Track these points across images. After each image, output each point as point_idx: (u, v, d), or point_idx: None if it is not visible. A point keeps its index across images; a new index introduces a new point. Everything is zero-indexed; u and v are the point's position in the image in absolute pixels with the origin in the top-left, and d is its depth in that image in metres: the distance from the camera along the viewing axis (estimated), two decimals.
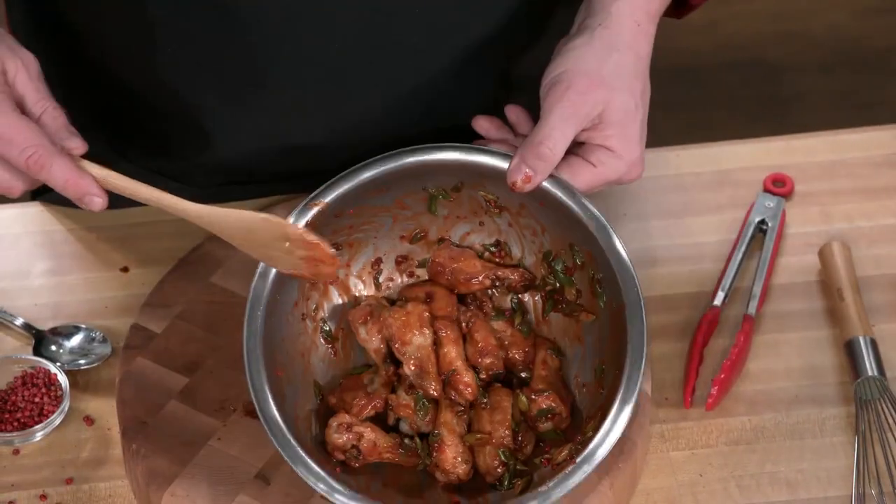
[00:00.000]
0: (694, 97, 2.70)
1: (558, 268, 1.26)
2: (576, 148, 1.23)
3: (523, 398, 1.22)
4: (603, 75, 1.21)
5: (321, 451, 1.20)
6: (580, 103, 1.20)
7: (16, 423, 1.26)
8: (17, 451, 1.27)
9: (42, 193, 1.48)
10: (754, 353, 1.33)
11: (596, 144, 1.22)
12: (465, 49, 1.33)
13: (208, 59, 1.28)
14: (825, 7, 2.87)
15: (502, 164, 1.23)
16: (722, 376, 1.29)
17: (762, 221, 1.42)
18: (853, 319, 1.33)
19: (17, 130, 1.14)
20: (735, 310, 1.36)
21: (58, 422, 1.27)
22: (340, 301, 1.28)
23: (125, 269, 1.39)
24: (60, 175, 1.15)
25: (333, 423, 1.20)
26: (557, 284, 1.26)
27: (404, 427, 1.22)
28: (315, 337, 1.26)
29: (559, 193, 1.23)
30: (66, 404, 1.27)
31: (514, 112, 1.28)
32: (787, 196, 1.45)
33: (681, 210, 1.44)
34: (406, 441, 1.21)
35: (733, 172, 1.47)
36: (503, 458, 1.19)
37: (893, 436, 1.26)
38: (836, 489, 1.24)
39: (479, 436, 1.20)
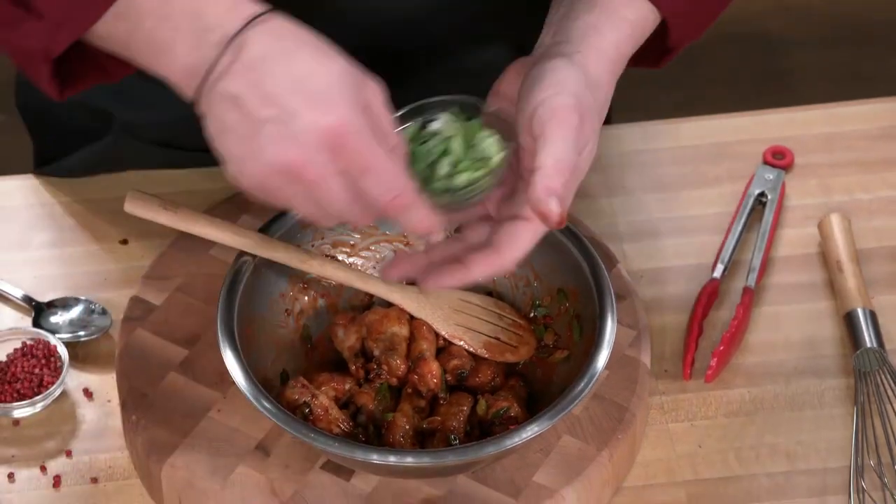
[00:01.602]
0: (693, 72, 2.69)
1: (538, 314, 1.27)
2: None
3: (483, 402, 1.22)
4: (591, 111, 1.12)
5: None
6: (580, 136, 1.10)
7: (15, 395, 1.26)
8: (16, 423, 1.27)
9: (42, 166, 1.49)
10: (753, 325, 1.34)
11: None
12: None
13: None
14: None
15: None
16: (721, 348, 1.29)
17: (762, 194, 1.42)
18: (852, 291, 1.33)
19: (386, 169, 1.05)
20: (734, 282, 1.37)
21: (57, 393, 1.27)
22: (326, 313, 1.28)
23: (125, 242, 1.39)
24: (418, 218, 1.08)
25: (291, 382, 1.21)
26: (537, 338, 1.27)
27: (361, 419, 1.21)
28: (295, 336, 1.26)
29: (556, 233, 1.23)
30: (65, 376, 1.27)
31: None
32: (786, 168, 1.44)
33: (680, 182, 1.44)
34: (359, 423, 1.21)
35: (733, 145, 1.47)
36: (451, 442, 1.19)
37: (892, 407, 1.26)
38: (835, 460, 1.24)
39: (430, 419, 1.20)
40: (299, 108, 1.03)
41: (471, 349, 1.25)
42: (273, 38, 1.04)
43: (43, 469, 1.24)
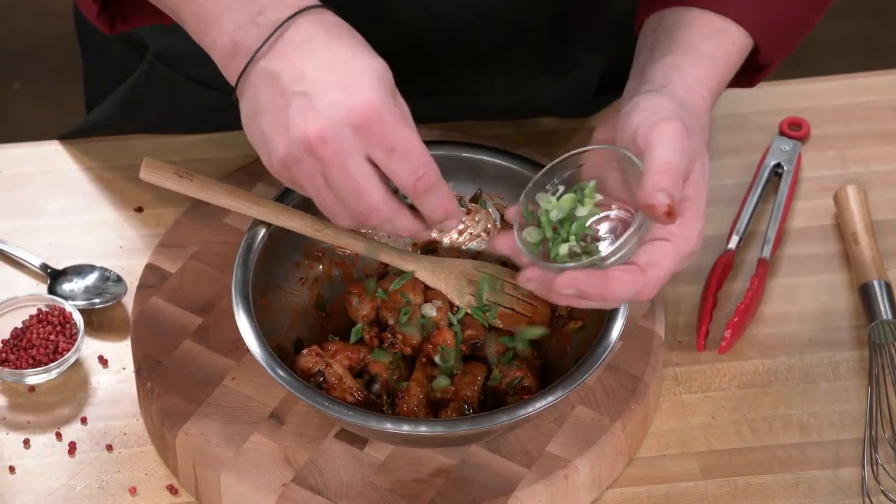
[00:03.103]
0: None
1: None
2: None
3: (497, 371, 1.22)
4: (693, 127, 1.09)
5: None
6: (686, 143, 1.07)
7: (30, 361, 1.27)
8: (32, 389, 1.27)
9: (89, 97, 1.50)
10: (768, 296, 1.33)
11: None
12: None
13: None
14: None
15: (520, 168, 1.26)
16: (735, 320, 1.29)
17: (778, 165, 1.41)
18: (868, 263, 1.32)
19: (415, 147, 1.05)
20: (750, 253, 1.36)
21: (72, 360, 1.27)
22: (341, 281, 1.29)
23: (140, 209, 1.39)
24: (438, 199, 1.08)
25: (305, 350, 1.21)
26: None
27: (375, 388, 1.21)
28: (309, 305, 1.27)
29: None
30: (80, 343, 1.27)
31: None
32: (803, 140, 1.44)
33: None
34: (373, 392, 1.21)
35: (749, 116, 1.47)
36: (465, 412, 1.19)
37: None
38: (848, 432, 1.24)
39: (444, 387, 1.20)
40: (330, 86, 1.04)
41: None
42: (320, 27, 1.06)
43: (58, 435, 1.24)
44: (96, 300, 1.32)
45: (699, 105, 1.13)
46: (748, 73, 1.22)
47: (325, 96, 1.04)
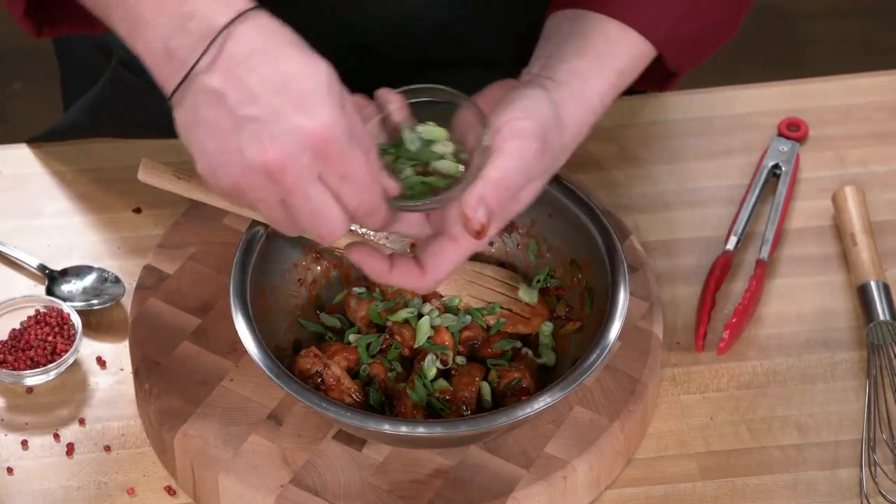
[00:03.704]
0: None
1: (550, 285, 1.27)
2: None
3: (494, 371, 1.22)
4: (553, 149, 1.12)
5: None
6: (535, 164, 1.10)
7: (28, 362, 1.27)
8: (30, 390, 1.27)
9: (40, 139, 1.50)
10: (766, 297, 1.33)
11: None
12: None
13: None
14: None
15: None
16: (734, 320, 1.29)
17: (776, 166, 1.42)
18: (866, 264, 1.32)
19: (364, 177, 1.04)
20: (748, 254, 1.36)
21: (70, 361, 1.28)
22: (339, 285, 1.28)
23: (138, 210, 1.39)
24: (374, 221, 1.07)
25: (304, 351, 1.21)
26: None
27: (373, 389, 1.21)
28: (307, 306, 1.27)
29: (570, 204, 1.24)
30: (78, 344, 1.28)
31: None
32: (801, 140, 1.44)
33: (694, 154, 1.44)
34: (371, 394, 1.21)
35: (747, 116, 1.47)
36: (463, 413, 1.19)
37: None
38: (847, 433, 1.24)
39: (442, 389, 1.20)
40: (283, 109, 1.01)
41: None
42: (260, 35, 1.02)
43: (56, 437, 1.24)
44: (94, 301, 1.32)
45: (578, 124, 1.14)
46: (658, 79, 1.23)
47: (281, 121, 1.01)
